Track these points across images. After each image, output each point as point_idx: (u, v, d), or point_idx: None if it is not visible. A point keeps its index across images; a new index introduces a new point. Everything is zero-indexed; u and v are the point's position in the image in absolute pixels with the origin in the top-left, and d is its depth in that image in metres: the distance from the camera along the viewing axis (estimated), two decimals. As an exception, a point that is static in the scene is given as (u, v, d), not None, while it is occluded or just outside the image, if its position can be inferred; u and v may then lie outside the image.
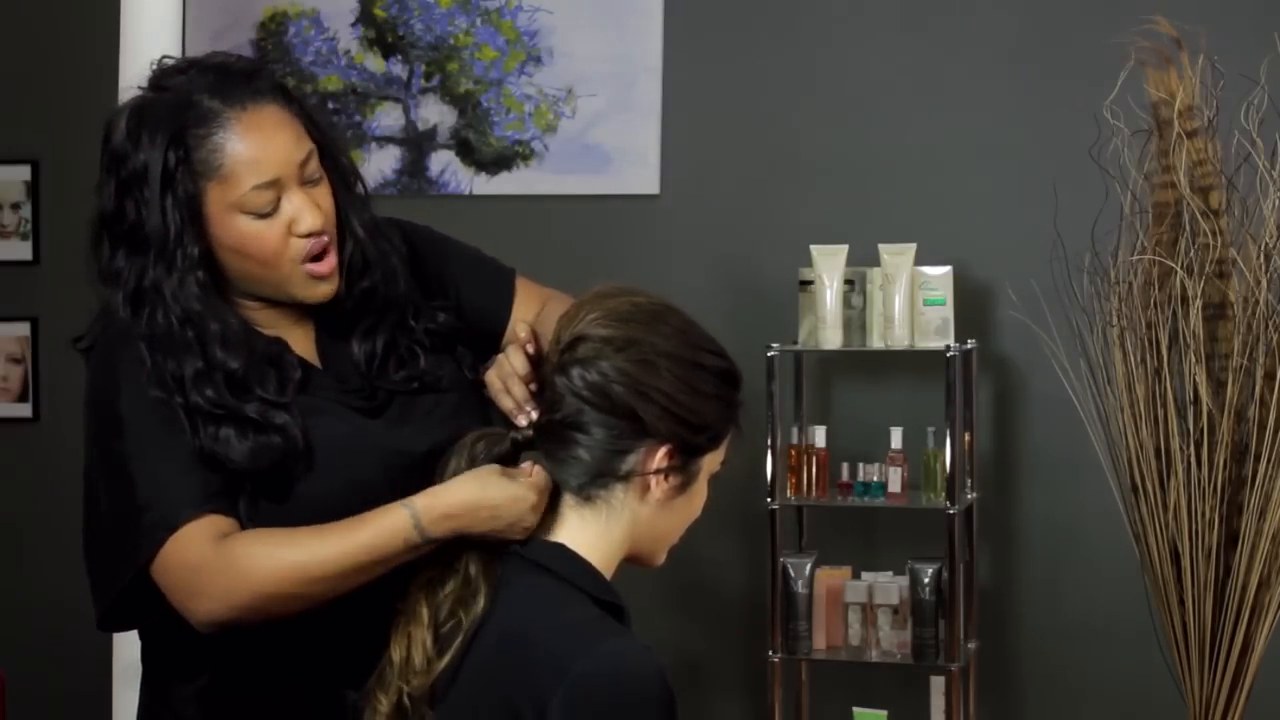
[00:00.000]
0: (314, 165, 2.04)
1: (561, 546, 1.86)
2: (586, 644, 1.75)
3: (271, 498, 2.01)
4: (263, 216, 2.00)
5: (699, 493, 1.90)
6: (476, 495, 1.90)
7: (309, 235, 2.02)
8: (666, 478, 1.85)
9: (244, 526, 1.99)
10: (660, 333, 1.86)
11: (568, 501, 1.88)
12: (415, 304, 2.17)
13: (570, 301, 1.96)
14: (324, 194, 2.05)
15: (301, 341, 2.11)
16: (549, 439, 1.88)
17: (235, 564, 1.93)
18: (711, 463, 1.89)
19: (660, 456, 1.84)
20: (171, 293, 2.00)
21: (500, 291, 2.26)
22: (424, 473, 1.96)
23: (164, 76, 2.05)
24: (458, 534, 1.91)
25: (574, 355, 1.85)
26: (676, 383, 1.84)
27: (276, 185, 2.00)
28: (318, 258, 2.04)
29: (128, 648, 3.59)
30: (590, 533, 1.87)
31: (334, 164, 2.10)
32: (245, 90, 2.01)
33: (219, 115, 1.99)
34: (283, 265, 2.03)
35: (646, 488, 1.85)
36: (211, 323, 2.00)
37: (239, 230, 2.00)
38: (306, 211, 2.01)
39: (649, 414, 1.83)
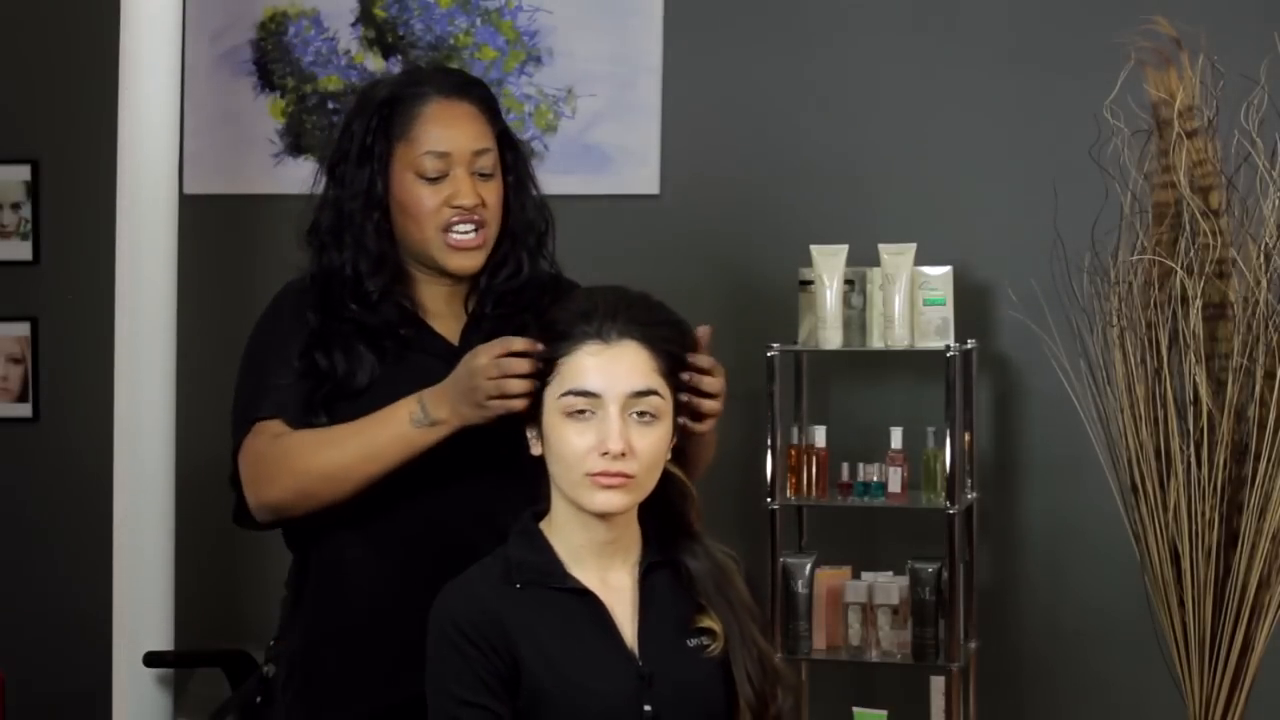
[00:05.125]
0: (488, 161, 2.43)
1: (534, 510, 2.17)
2: None
3: (346, 415, 2.37)
4: (430, 182, 2.40)
5: (554, 430, 2.11)
6: (456, 370, 2.29)
7: (459, 209, 2.39)
8: (529, 428, 2.16)
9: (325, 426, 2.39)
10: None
11: None
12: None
13: None
14: (490, 189, 2.43)
15: (449, 322, 2.46)
16: None
17: (288, 451, 2.34)
18: (551, 400, 2.12)
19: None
20: (350, 216, 2.42)
21: None
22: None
23: (412, 70, 2.65)
24: (457, 412, 2.26)
25: None
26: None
27: (447, 159, 2.40)
28: (460, 231, 2.40)
29: (127, 647, 3.59)
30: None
31: (517, 179, 2.48)
32: (454, 86, 2.47)
33: (425, 96, 2.44)
34: (428, 228, 2.40)
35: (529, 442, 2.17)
36: (370, 245, 2.41)
37: (407, 186, 2.41)
38: (466, 191, 2.40)
39: None
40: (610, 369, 2.08)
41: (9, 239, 4.51)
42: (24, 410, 4.50)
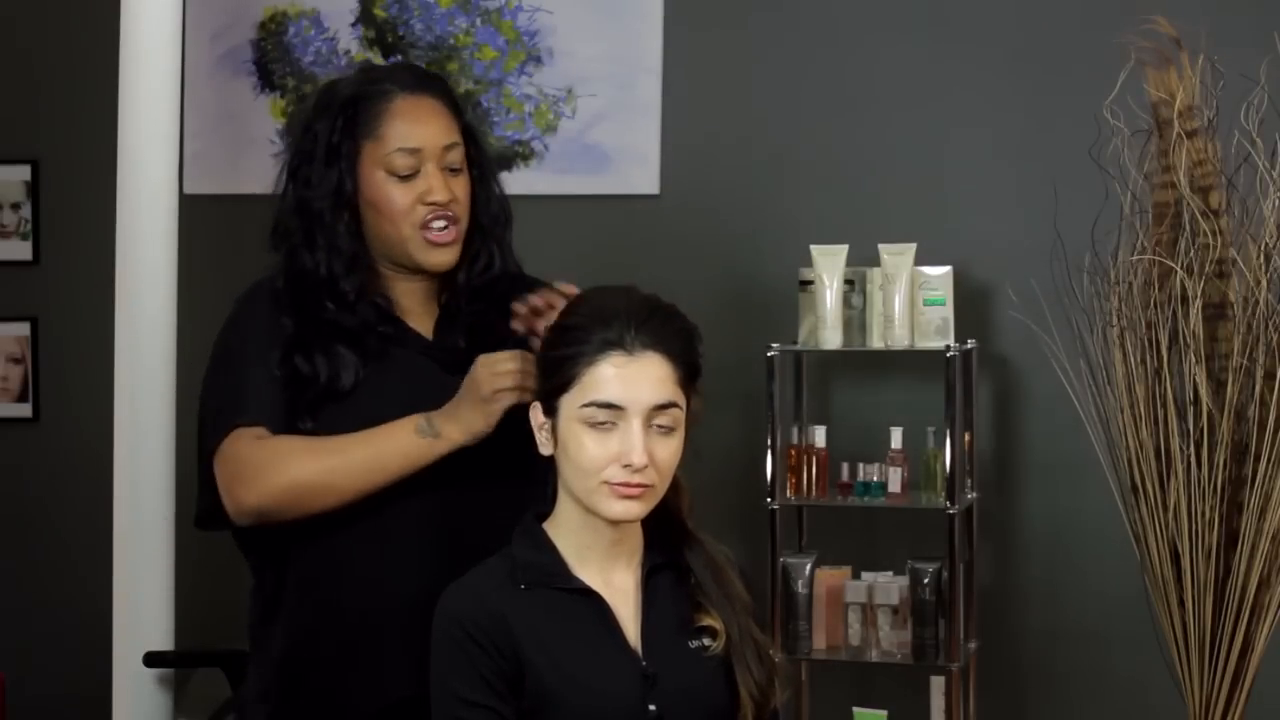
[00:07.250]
0: (456, 156, 2.41)
1: (537, 510, 2.16)
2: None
3: (333, 417, 2.35)
4: (402, 179, 2.37)
5: (572, 438, 2.08)
6: (464, 382, 2.29)
7: (434, 205, 2.37)
8: (539, 428, 2.13)
9: (311, 432, 2.35)
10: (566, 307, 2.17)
11: None
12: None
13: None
14: (460, 183, 2.41)
15: (423, 319, 2.44)
16: None
17: (277, 455, 2.31)
18: (570, 408, 2.08)
19: (533, 411, 2.15)
20: (320, 217, 2.40)
21: None
22: None
23: (369, 68, 2.54)
24: (461, 422, 2.27)
25: None
26: (545, 346, 2.15)
27: (418, 155, 2.38)
28: (437, 227, 2.38)
29: (127, 647, 3.59)
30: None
31: (481, 173, 2.46)
32: (417, 81, 2.44)
33: (389, 93, 2.40)
34: (404, 226, 2.38)
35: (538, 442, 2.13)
36: (343, 245, 2.39)
37: (378, 185, 2.38)
38: (438, 186, 2.38)
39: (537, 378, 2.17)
40: (635, 381, 2.06)
41: (9, 239, 4.51)
42: (24, 410, 4.50)
